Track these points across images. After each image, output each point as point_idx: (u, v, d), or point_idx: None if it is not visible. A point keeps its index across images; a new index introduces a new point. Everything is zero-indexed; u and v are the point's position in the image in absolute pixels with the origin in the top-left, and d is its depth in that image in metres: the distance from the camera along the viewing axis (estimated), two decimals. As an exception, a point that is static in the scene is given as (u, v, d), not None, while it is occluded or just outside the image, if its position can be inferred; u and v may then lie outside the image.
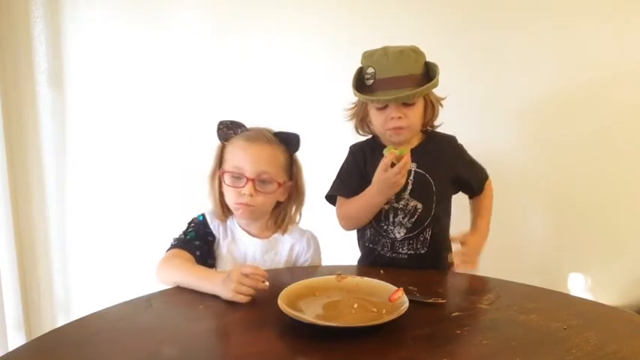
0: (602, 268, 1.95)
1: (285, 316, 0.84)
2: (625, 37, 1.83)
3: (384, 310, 0.88)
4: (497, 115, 1.86)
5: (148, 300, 0.98)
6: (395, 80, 1.17)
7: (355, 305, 0.92)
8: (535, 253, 1.92)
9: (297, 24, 1.77)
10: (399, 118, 1.18)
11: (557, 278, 1.94)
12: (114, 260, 1.82)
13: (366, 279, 1.00)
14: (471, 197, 1.36)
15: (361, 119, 1.30)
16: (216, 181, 1.18)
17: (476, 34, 1.78)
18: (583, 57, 1.83)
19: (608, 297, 1.84)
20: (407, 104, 1.18)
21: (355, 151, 1.33)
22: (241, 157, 1.14)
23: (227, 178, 1.15)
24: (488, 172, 1.34)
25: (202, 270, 1.09)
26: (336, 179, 1.32)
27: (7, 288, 1.72)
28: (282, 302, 0.87)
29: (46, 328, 0.91)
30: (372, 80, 1.20)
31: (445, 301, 0.97)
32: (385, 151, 1.13)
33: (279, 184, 1.16)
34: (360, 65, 1.25)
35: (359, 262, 1.36)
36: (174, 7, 1.75)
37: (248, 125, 1.20)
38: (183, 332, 0.86)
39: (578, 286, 1.94)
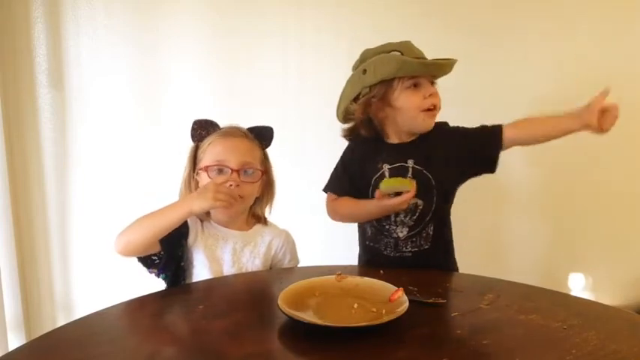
0: (602, 268, 1.95)
1: (284, 316, 0.84)
2: (624, 39, 1.83)
3: (384, 310, 0.88)
4: (497, 116, 1.85)
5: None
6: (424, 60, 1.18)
7: (355, 305, 0.91)
8: (535, 253, 1.92)
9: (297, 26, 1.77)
10: (436, 94, 1.18)
11: (557, 278, 1.94)
12: (114, 260, 1.82)
13: (366, 279, 1.00)
14: (495, 155, 1.22)
15: (369, 119, 1.24)
16: (193, 184, 1.18)
17: (475, 35, 1.78)
18: (582, 58, 1.83)
19: (608, 297, 1.84)
20: (432, 83, 1.20)
21: (357, 142, 1.29)
22: (221, 150, 1.15)
23: (211, 173, 1.14)
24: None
25: (168, 205, 1.09)
26: (332, 173, 1.32)
27: (7, 288, 1.72)
28: (282, 302, 0.87)
29: (46, 328, 0.90)
30: None
31: (445, 301, 0.96)
32: (382, 185, 1.12)
33: (262, 172, 1.18)
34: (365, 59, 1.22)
35: (359, 258, 1.34)
36: (174, 7, 1.75)
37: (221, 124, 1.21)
38: (182, 332, 0.86)
39: (578, 286, 1.94)
